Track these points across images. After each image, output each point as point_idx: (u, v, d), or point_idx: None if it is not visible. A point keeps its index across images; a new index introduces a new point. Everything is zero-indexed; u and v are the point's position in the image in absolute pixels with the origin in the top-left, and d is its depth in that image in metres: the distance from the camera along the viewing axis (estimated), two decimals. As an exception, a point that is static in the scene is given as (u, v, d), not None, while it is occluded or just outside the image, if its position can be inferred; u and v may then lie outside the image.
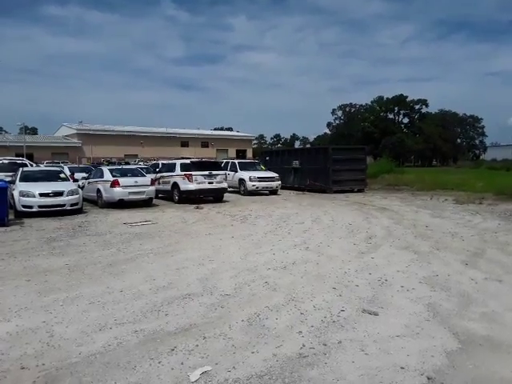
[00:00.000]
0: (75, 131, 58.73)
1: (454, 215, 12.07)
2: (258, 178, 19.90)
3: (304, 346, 3.70)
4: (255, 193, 19.73)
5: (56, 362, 3.42)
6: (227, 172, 19.62)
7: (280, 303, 4.79)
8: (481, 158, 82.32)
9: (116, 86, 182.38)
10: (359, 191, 21.18)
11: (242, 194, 19.78)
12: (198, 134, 71.34)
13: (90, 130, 59.45)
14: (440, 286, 5.39)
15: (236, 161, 22.41)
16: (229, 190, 18.78)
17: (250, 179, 19.69)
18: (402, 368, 3.30)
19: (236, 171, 20.56)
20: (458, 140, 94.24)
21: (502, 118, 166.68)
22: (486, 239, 8.46)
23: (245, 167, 21.02)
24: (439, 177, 25.46)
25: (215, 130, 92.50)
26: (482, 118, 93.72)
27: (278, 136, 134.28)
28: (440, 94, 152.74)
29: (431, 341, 3.79)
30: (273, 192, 20.14)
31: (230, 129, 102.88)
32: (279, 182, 20.45)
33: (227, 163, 21.73)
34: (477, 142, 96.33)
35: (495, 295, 5.05)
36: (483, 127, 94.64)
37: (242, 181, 20.05)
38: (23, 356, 3.53)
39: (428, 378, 3.16)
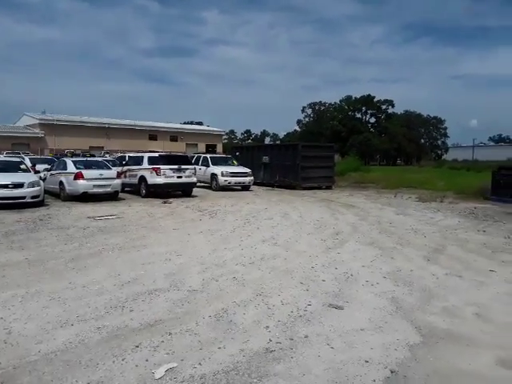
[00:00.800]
0: (38, 121, 56.45)
1: (417, 213, 12.44)
2: (231, 173, 19.57)
3: (271, 340, 3.70)
4: (227, 188, 19.59)
5: (14, 360, 3.27)
6: (199, 167, 19.52)
7: (248, 298, 4.78)
8: (443, 158, 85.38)
9: (83, 76, 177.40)
10: (327, 188, 21.50)
11: (213, 189, 19.54)
12: (167, 128, 70.22)
13: (53, 120, 57.25)
14: (403, 281, 5.53)
15: (208, 155, 21.95)
16: (200, 184, 18.74)
17: (223, 174, 19.35)
18: (367, 361, 3.36)
19: (208, 166, 20.23)
20: (422, 140, 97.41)
21: (464, 119, 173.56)
22: (446, 236, 8.77)
23: (217, 162, 20.68)
24: (403, 175, 26.22)
25: (185, 123, 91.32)
26: (445, 120, 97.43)
27: (248, 132, 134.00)
28: (406, 95, 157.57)
29: (394, 334, 3.88)
30: (245, 187, 19.97)
31: (200, 123, 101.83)
32: (252, 178, 20.17)
33: (199, 157, 21.45)
34: (439, 142, 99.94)
35: (455, 290, 5.23)
36: (446, 128, 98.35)
37: (214, 176, 19.73)
38: (-23, 355, 3.36)
39: (391, 371, 3.23)
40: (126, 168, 17.03)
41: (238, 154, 25.94)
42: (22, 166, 13.76)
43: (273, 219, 10.76)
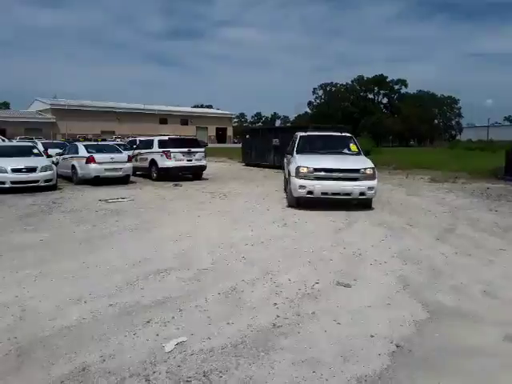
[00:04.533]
0: (49, 106, 56.93)
1: (429, 193, 12.33)
2: (323, 169, 9.23)
3: (278, 316, 3.77)
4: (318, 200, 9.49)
5: (29, 336, 3.39)
6: (288, 156, 11.53)
7: (256, 277, 4.84)
8: (457, 138, 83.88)
9: (92, 59, 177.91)
10: (338, 170, 21.21)
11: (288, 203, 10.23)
12: (177, 111, 70.20)
13: (64, 105, 57.67)
14: (411, 260, 5.54)
15: (299, 133, 11.77)
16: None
17: (298, 174, 9.26)
18: (372, 336, 3.41)
19: (292, 154, 10.80)
20: (436, 121, 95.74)
21: (479, 99, 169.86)
22: (457, 216, 8.70)
23: (304, 147, 10.80)
24: (416, 156, 25.91)
25: (195, 107, 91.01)
26: (459, 100, 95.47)
27: (258, 114, 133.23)
28: (420, 75, 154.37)
29: (401, 311, 3.92)
30: (366, 205, 9.60)
31: (209, 106, 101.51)
32: (374, 182, 9.21)
33: (296, 138, 11.45)
34: (453, 122, 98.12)
35: (464, 269, 5.22)
36: (460, 108, 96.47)
37: (289, 175, 10.06)
38: (-5, 330, 3.48)
39: (397, 346, 3.27)
40: (136, 152, 17.12)
41: (248, 136, 25.84)
42: (35, 151, 13.93)
43: (283, 201, 10.77)
